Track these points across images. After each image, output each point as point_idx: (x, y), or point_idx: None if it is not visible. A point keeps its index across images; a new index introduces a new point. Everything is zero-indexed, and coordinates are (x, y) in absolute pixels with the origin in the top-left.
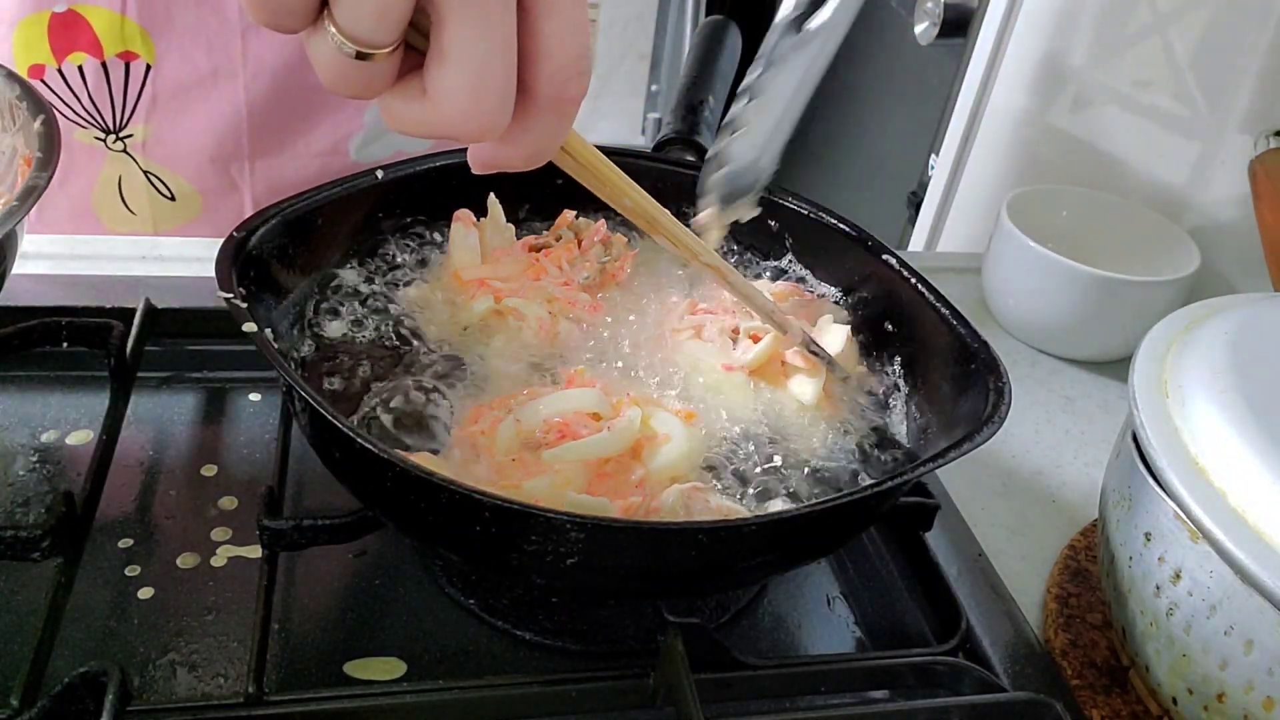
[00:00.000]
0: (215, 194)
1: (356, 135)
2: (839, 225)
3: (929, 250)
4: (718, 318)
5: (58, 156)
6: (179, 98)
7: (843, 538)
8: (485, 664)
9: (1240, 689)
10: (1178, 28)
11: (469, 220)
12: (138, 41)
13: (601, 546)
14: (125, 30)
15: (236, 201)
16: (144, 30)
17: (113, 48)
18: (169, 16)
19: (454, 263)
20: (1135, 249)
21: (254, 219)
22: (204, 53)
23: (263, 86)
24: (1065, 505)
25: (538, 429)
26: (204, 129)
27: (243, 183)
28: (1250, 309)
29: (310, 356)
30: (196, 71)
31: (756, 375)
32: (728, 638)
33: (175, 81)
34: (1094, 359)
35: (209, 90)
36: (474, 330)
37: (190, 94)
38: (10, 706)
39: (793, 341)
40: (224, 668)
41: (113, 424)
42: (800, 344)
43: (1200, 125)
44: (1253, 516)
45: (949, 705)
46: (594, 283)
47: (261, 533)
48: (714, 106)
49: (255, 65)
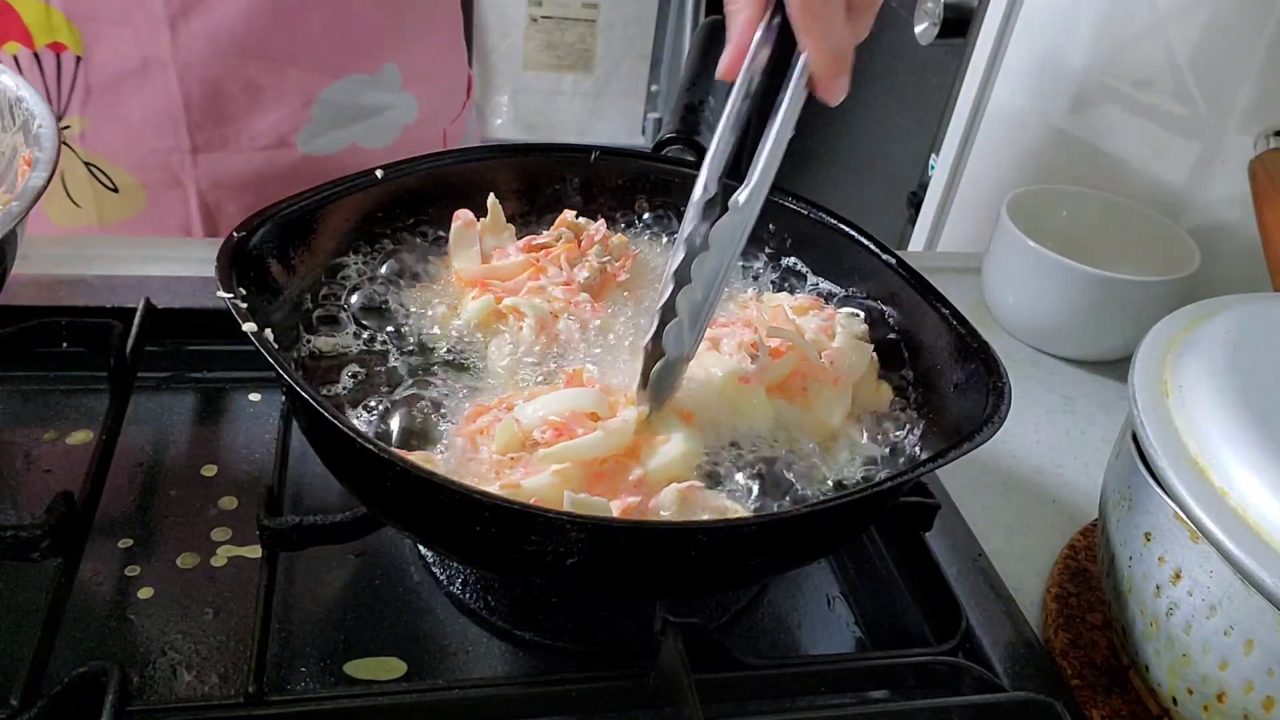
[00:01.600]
0: (159, 187)
1: (304, 128)
2: (839, 225)
3: (929, 250)
4: (736, 331)
5: (58, 156)
6: (112, 89)
7: (843, 538)
8: (485, 664)
9: (1240, 689)
10: (1178, 28)
11: (469, 221)
12: (64, 32)
13: (601, 546)
14: (52, 20)
15: (180, 195)
16: (69, 20)
17: (42, 38)
18: (93, 7)
19: (453, 263)
20: (1135, 249)
21: (254, 219)
22: (132, 43)
23: (196, 77)
24: (1065, 505)
25: (536, 428)
26: (141, 120)
27: (185, 176)
28: (1250, 309)
29: (310, 356)
30: (126, 62)
31: (775, 391)
32: (728, 638)
33: (106, 73)
34: (1094, 359)
35: (141, 81)
36: (473, 330)
37: (122, 85)
38: (10, 706)
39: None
40: (224, 668)
41: (113, 424)
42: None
43: (1200, 125)
44: (1253, 516)
45: (949, 705)
46: (594, 283)
47: (261, 533)
48: (714, 106)
49: (186, 56)
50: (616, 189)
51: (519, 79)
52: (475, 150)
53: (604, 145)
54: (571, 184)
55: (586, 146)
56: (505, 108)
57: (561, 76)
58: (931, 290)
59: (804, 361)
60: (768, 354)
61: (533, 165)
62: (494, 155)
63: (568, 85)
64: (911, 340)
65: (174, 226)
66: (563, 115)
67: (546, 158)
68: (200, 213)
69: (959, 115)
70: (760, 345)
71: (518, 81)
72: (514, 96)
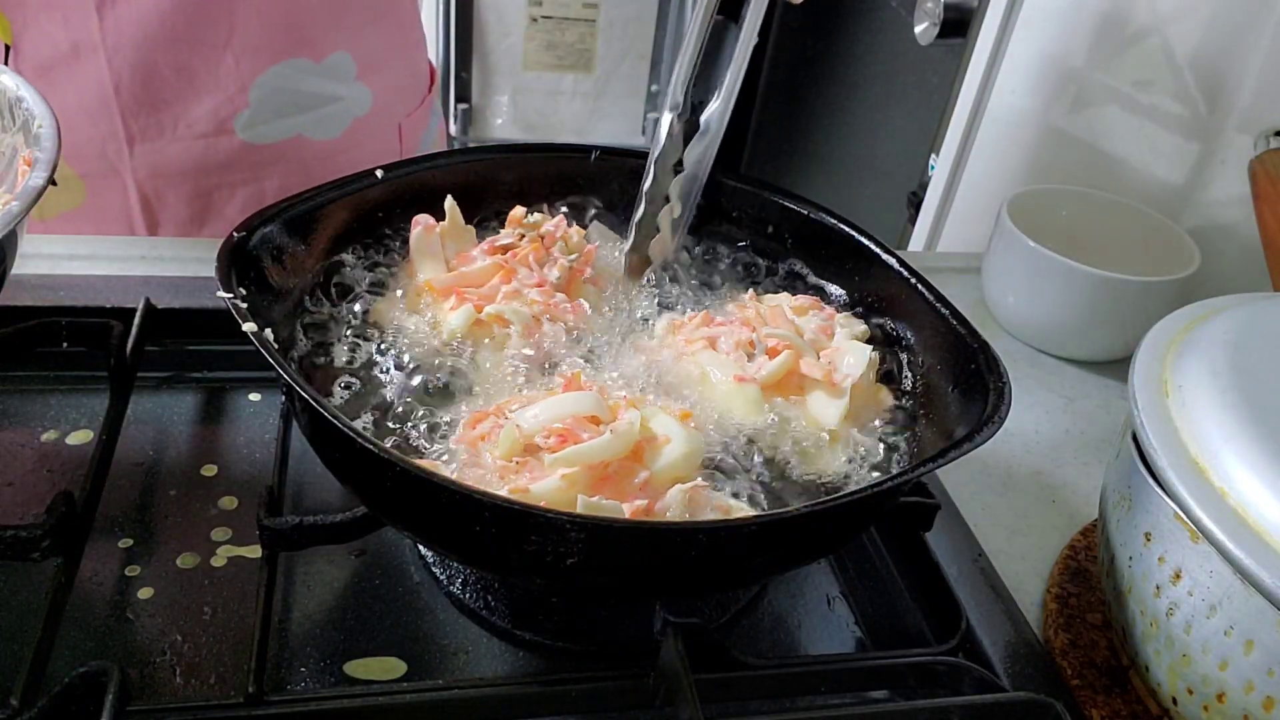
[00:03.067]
0: (97, 177)
1: (242, 114)
2: (839, 225)
3: (929, 250)
4: (733, 330)
5: (58, 156)
6: (44, 77)
7: (843, 538)
8: (485, 664)
9: (1240, 689)
10: (1178, 28)
11: (429, 226)
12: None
13: (601, 546)
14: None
15: (119, 185)
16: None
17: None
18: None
19: (419, 272)
20: (1135, 249)
21: (255, 219)
22: (60, 28)
23: (126, 62)
24: (1065, 505)
25: (538, 433)
26: (75, 108)
27: (122, 166)
28: (1250, 309)
29: (310, 356)
30: (56, 49)
31: (772, 390)
32: (728, 638)
33: (37, 60)
34: (1094, 359)
35: (72, 67)
36: (460, 339)
37: (54, 73)
38: (10, 706)
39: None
40: (224, 668)
41: (113, 424)
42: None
43: (1200, 125)
44: (1253, 516)
45: (949, 705)
46: (563, 282)
47: (261, 533)
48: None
49: (115, 39)
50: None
51: (519, 79)
52: (476, 150)
53: (604, 145)
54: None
55: (586, 146)
56: (505, 108)
57: (561, 76)
58: (932, 290)
59: (801, 361)
60: (764, 353)
61: (533, 165)
62: (494, 155)
63: (568, 85)
64: (911, 340)
65: (114, 218)
66: (563, 115)
67: (547, 157)
68: (140, 204)
69: (959, 115)
70: (756, 344)
71: (518, 81)
72: (514, 96)
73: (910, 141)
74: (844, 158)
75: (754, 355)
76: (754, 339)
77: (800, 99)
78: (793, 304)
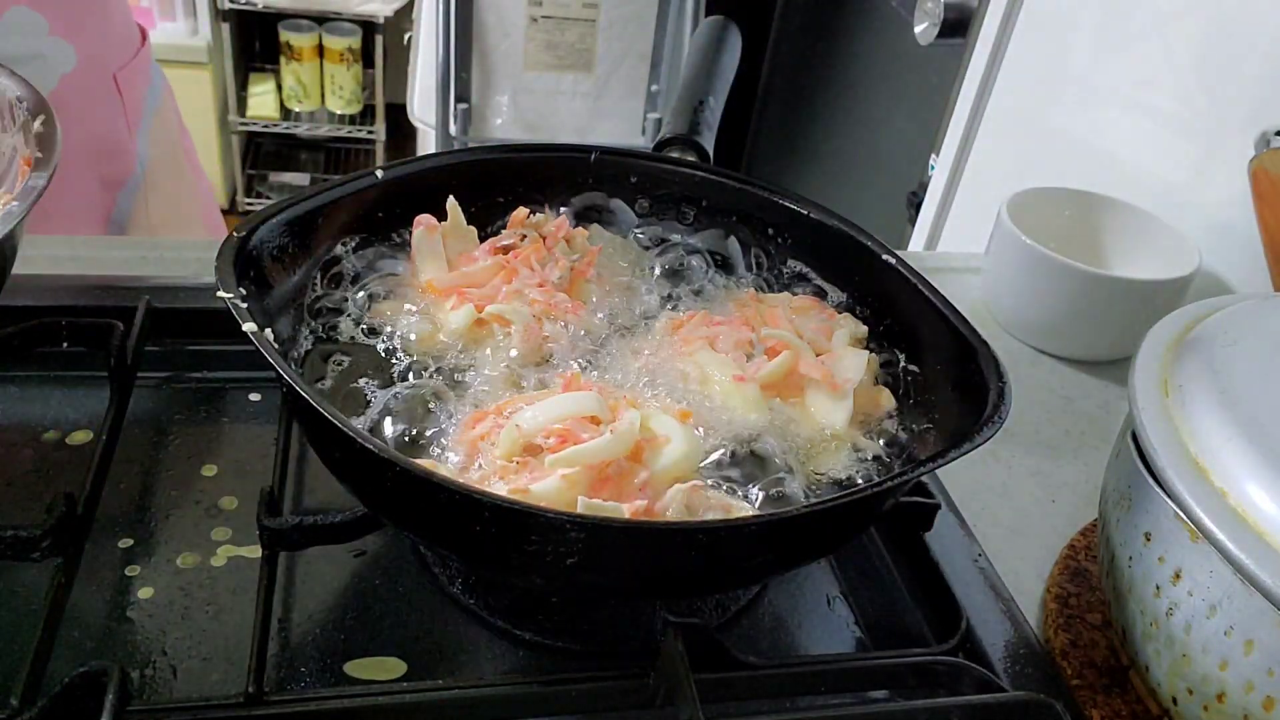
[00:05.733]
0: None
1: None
2: (839, 225)
3: (929, 250)
4: (732, 329)
5: (58, 156)
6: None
7: (843, 538)
8: (485, 664)
9: (1240, 689)
10: (1178, 28)
11: (431, 226)
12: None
13: (601, 546)
14: None
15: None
16: None
17: None
18: None
19: (421, 273)
20: (1135, 249)
21: (254, 218)
22: None
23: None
24: (1065, 505)
25: (538, 433)
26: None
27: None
28: (1250, 309)
29: (310, 357)
30: None
31: (771, 390)
32: (728, 638)
33: None
34: (1094, 359)
35: None
36: (461, 339)
37: None
38: (10, 706)
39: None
40: (224, 668)
41: (113, 424)
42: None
43: (1200, 125)
44: (1253, 516)
45: (949, 705)
46: (565, 281)
47: (261, 533)
48: (714, 106)
49: None
50: (616, 190)
51: (519, 79)
52: (476, 150)
53: (604, 145)
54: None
55: (587, 146)
56: (505, 108)
57: (561, 76)
58: (932, 290)
59: (801, 361)
60: (763, 352)
61: (533, 165)
62: (495, 155)
63: (568, 85)
64: (911, 340)
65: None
66: (563, 115)
67: (547, 158)
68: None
69: (959, 115)
70: (755, 344)
71: (518, 81)
72: (514, 96)
73: (910, 141)
74: (844, 158)
75: (753, 355)
76: (753, 339)
77: (800, 99)
78: (793, 304)
